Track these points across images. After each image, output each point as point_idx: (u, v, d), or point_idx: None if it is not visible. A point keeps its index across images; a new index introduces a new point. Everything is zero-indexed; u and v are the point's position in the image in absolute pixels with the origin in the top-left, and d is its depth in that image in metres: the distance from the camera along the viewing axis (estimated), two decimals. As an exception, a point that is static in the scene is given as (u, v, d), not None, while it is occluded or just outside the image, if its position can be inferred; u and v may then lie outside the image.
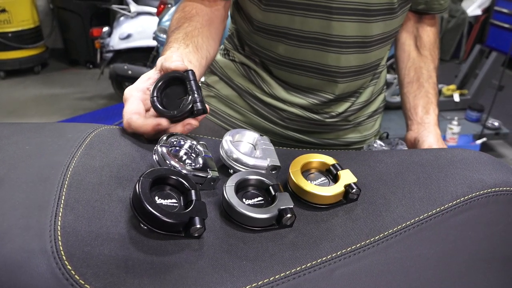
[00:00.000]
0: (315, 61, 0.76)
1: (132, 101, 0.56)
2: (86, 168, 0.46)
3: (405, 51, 0.89)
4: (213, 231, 0.44)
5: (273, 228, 0.45)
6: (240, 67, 0.85)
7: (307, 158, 0.53)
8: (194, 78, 0.56)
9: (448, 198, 0.49)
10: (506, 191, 0.50)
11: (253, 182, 0.48)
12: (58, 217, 0.39)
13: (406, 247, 0.45)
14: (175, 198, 0.44)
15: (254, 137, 0.57)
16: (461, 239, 0.48)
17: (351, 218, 0.48)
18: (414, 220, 0.47)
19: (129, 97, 0.57)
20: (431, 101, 0.83)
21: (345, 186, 0.49)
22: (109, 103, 3.76)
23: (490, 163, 0.53)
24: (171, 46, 0.68)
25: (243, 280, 0.39)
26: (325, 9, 0.71)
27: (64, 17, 4.49)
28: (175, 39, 0.69)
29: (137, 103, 0.56)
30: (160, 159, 0.48)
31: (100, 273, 0.37)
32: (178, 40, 0.69)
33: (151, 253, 0.40)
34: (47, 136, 0.53)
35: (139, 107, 0.56)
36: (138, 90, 0.57)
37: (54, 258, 0.36)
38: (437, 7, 0.86)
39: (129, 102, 0.56)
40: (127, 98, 0.57)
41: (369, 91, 0.87)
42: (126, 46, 3.49)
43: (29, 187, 0.43)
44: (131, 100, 0.56)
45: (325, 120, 0.83)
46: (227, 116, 0.87)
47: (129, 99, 0.56)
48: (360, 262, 0.43)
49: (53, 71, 4.58)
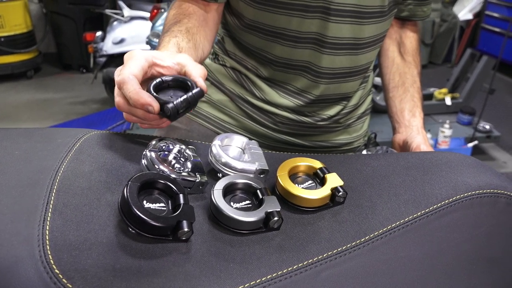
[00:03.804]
0: (309, 62, 0.77)
1: (135, 64, 0.52)
2: (75, 173, 0.47)
3: (389, 57, 0.92)
4: (201, 234, 0.44)
5: (261, 231, 0.46)
6: (231, 72, 0.86)
7: (294, 161, 0.53)
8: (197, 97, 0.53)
9: (433, 201, 0.49)
10: (490, 193, 0.50)
11: (241, 186, 0.49)
12: (47, 222, 0.40)
13: (391, 249, 0.46)
14: (163, 202, 0.44)
15: (242, 141, 0.57)
16: (446, 240, 0.49)
17: (337, 221, 0.48)
18: (399, 222, 0.48)
19: (133, 58, 0.53)
20: (417, 105, 0.85)
21: (332, 189, 0.50)
22: (102, 108, 3.75)
23: (474, 166, 0.54)
24: (176, 36, 0.67)
25: (230, 283, 0.40)
26: (323, 10, 0.72)
27: (57, 21, 4.49)
28: (179, 31, 0.68)
29: (139, 68, 0.52)
30: (149, 163, 0.48)
31: (88, 277, 0.37)
32: (181, 32, 0.68)
33: (139, 257, 0.40)
34: (37, 141, 0.53)
35: (139, 73, 0.52)
36: (144, 59, 0.54)
37: (42, 262, 0.36)
38: (420, 14, 0.88)
39: (131, 63, 0.52)
40: (130, 58, 0.53)
41: (359, 94, 0.88)
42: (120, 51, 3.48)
43: (18, 192, 0.43)
44: (135, 63, 0.52)
45: (316, 123, 0.84)
46: (219, 121, 0.88)
47: (132, 59, 0.53)
48: (346, 264, 0.44)
49: (46, 75, 4.56)
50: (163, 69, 0.56)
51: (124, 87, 0.50)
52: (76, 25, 4.37)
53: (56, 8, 4.39)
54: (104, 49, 3.47)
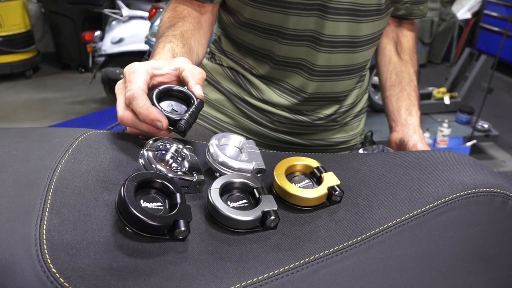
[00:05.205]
0: (305, 59, 0.77)
1: (140, 78, 0.53)
2: (73, 173, 0.47)
3: (386, 55, 0.92)
4: (198, 233, 0.44)
5: (257, 230, 0.46)
6: (228, 71, 0.86)
7: (291, 161, 0.53)
8: (200, 107, 0.56)
9: (429, 200, 0.50)
10: (486, 192, 0.51)
11: (238, 185, 0.49)
12: (44, 221, 0.40)
13: (387, 248, 0.46)
14: (160, 202, 0.44)
15: (240, 140, 0.57)
16: (442, 239, 0.49)
17: (334, 220, 0.49)
18: (395, 221, 0.48)
19: (135, 72, 0.54)
20: (414, 103, 0.86)
21: (329, 188, 0.50)
22: (101, 107, 3.75)
23: (470, 165, 0.54)
24: (171, 41, 0.67)
25: (227, 281, 0.40)
26: (320, 8, 0.72)
27: (56, 21, 4.48)
28: (173, 35, 0.69)
29: (144, 82, 0.53)
30: (146, 163, 0.48)
31: (85, 276, 0.37)
32: (176, 37, 0.69)
33: (136, 256, 0.40)
34: (34, 141, 0.53)
35: (146, 88, 0.53)
36: (145, 72, 0.55)
37: (39, 261, 0.36)
38: (417, 12, 0.89)
39: (136, 77, 0.53)
40: (132, 72, 0.54)
41: (355, 93, 0.88)
42: (118, 50, 3.49)
43: (15, 192, 0.43)
44: (139, 77, 0.53)
45: (313, 122, 0.85)
46: (216, 120, 0.88)
47: (135, 74, 0.54)
48: (343, 263, 0.44)
49: (44, 75, 4.56)
50: (162, 77, 0.57)
51: (134, 103, 0.52)
52: (75, 24, 4.37)
53: (54, 8, 4.39)
54: (103, 49, 3.47)
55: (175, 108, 0.56)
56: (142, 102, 0.51)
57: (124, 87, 0.55)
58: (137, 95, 0.52)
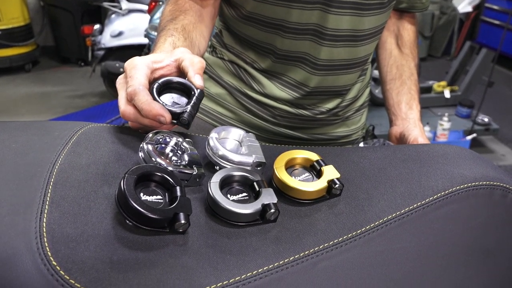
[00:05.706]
0: (308, 53, 0.77)
1: (141, 73, 0.53)
2: (73, 166, 0.47)
3: (387, 49, 0.91)
4: (198, 226, 0.45)
5: (257, 223, 0.46)
6: (229, 65, 0.85)
7: (291, 154, 0.53)
8: (201, 98, 0.56)
9: (429, 193, 0.50)
10: (486, 185, 0.51)
11: (238, 178, 0.49)
12: (44, 214, 0.40)
13: (387, 241, 0.46)
14: (160, 195, 0.44)
15: (240, 134, 0.57)
16: (442, 232, 0.49)
17: (334, 213, 0.49)
18: (395, 214, 0.48)
19: (136, 67, 0.54)
20: (414, 97, 0.85)
21: (328, 181, 0.50)
22: (100, 101, 3.74)
23: (470, 158, 0.54)
24: (172, 35, 0.67)
25: (227, 274, 0.40)
26: (324, 2, 0.71)
27: (55, 14, 4.47)
28: (175, 29, 0.68)
29: (145, 77, 0.53)
30: (146, 156, 0.48)
31: (85, 269, 0.37)
32: (177, 30, 0.68)
33: (136, 249, 0.40)
34: (34, 134, 0.53)
35: (147, 83, 0.53)
36: (146, 66, 0.55)
37: (39, 255, 0.37)
38: (419, 5, 0.88)
39: (137, 73, 0.53)
40: (133, 67, 0.54)
41: (357, 87, 0.88)
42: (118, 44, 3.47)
43: (15, 185, 0.43)
44: (140, 72, 0.53)
45: (315, 116, 0.84)
46: (217, 114, 0.88)
47: (136, 69, 0.53)
48: (342, 256, 0.44)
49: (44, 69, 4.55)
50: (163, 70, 0.57)
51: (136, 98, 0.52)
52: (74, 18, 4.35)
53: (53, 1, 4.37)
54: (102, 42, 3.46)
55: (176, 100, 0.56)
56: (144, 98, 0.51)
57: (125, 82, 0.55)
58: (138, 91, 0.51)
